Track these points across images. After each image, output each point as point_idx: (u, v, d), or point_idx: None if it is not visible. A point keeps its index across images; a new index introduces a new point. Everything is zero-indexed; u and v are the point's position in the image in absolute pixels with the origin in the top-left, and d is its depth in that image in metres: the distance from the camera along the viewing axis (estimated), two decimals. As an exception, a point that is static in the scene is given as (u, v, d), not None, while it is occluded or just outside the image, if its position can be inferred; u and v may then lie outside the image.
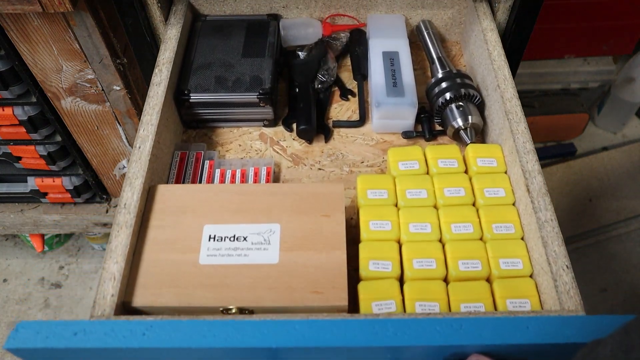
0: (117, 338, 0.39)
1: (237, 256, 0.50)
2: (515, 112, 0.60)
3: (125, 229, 0.51)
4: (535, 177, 0.54)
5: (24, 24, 0.67)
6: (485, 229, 0.53)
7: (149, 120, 0.60)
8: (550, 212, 0.52)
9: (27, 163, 0.92)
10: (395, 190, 0.56)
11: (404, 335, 0.39)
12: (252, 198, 0.54)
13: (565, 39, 1.27)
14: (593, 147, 1.46)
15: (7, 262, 1.28)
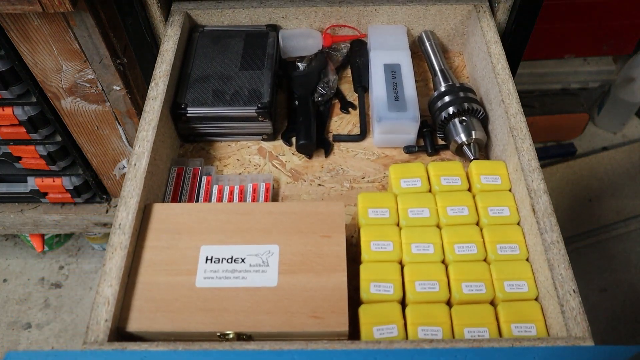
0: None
1: (235, 279, 0.49)
2: (520, 128, 0.59)
3: (120, 250, 0.50)
4: (541, 196, 0.53)
5: (24, 24, 0.67)
6: (490, 250, 0.52)
7: (144, 136, 0.58)
8: (557, 234, 0.50)
9: (27, 163, 0.92)
10: (397, 208, 0.55)
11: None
12: (250, 218, 0.53)
13: (565, 39, 1.27)
14: (593, 147, 1.46)
15: (7, 262, 1.28)
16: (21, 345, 1.15)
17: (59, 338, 1.15)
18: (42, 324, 1.18)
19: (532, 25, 0.70)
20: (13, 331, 1.17)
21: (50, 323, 1.18)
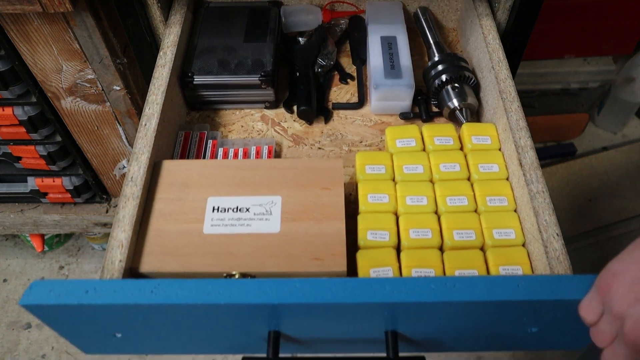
0: (126, 295, 0.40)
1: (240, 226, 0.52)
2: (509, 91, 0.61)
3: (132, 200, 0.53)
4: (528, 152, 0.56)
5: (24, 24, 0.67)
6: (480, 202, 0.55)
7: (154, 99, 0.61)
8: (542, 184, 0.53)
9: (27, 163, 0.92)
10: (392, 165, 0.58)
11: (399, 293, 0.40)
12: (254, 172, 0.56)
13: (565, 39, 1.27)
14: (593, 147, 1.46)
15: (7, 262, 1.28)
16: (21, 345, 1.15)
17: (59, 338, 1.15)
18: (42, 324, 1.18)
19: (532, 25, 0.70)
20: (13, 331, 1.17)
21: (50, 323, 1.18)
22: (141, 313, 0.42)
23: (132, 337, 0.48)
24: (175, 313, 0.43)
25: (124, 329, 0.46)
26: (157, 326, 0.46)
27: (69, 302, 0.40)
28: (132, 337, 0.48)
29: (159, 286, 0.41)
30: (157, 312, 0.42)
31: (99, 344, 0.50)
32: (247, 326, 0.46)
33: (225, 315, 0.43)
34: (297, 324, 0.45)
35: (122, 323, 0.45)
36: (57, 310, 0.41)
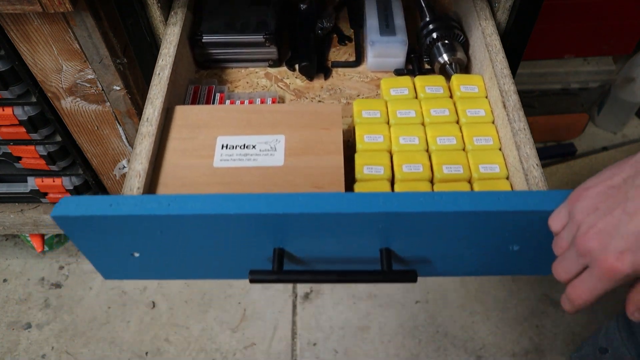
0: (145, 207, 0.45)
1: (247, 160, 0.57)
2: (495, 44, 0.66)
3: (148, 137, 0.57)
4: (511, 95, 0.61)
5: (24, 24, 0.67)
6: (467, 141, 0.60)
7: (167, 52, 0.67)
8: (524, 123, 0.59)
9: (27, 163, 0.92)
10: (387, 111, 0.64)
11: (392, 204, 0.44)
12: (260, 116, 0.61)
13: (565, 39, 1.27)
14: (593, 147, 1.46)
15: (7, 262, 1.28)
16: (21, 345, 1.15)
17: (59, 338, 1.15)
18: (42, 324, 1.18)
19: (532, 25, 0.70)
20: (13, 331, 1.17)
21: (50, 323, 1.18)
22: (158, 226, 0.46)
23: (149, 258, 0.51)
24: (189, 225, 0.46)
25: (142, 247, 0.50)
26: (172, 244, 0.49)
27: (94, 214, 0.45)
28: (149, 258, 0.52)
29: (176, 200, 0.45)
30: (172, 225, 0.46)
31: (118, 265, 0.53)
32: (254, 242, 0.49)
33: (234, 229, 0.47)
34: (299, 241, 0.49)
35: (140, 239, 0.48)
36: (83, 222, 0.45)
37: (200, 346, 1.14)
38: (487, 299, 1.20)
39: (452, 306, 1.19)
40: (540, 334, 1.15)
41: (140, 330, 1.16)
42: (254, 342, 1.14)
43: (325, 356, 1.12)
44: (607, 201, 0.38)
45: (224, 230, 0.47)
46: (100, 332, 1.16)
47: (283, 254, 0.49)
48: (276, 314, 1.18)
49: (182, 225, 0.46)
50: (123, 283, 1.24)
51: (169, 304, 1.20)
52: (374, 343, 1.14)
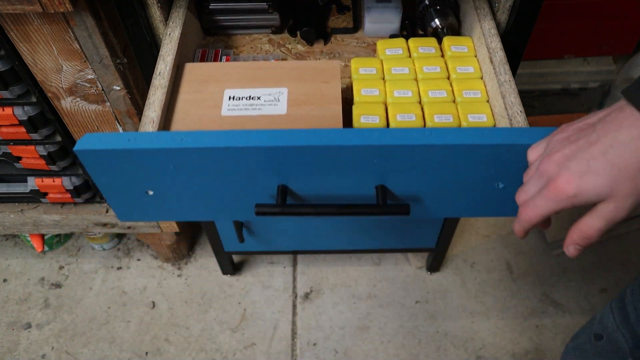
0: (161, 141, 0.49)
1: (252, 110, 0.61)
2: (483, 7, 0.71)
3: (160, 89, 0.62)
4: (498, 52, 0.66)
5: (24, 24, 0.67)
6: (457, 94, 0.64)
7: (176, 15, 0.71)
8: (509, 76, 0.63)
9: (27, 163, 0.92)
10: (382, 68, 0.68)
11: (386, 138, 0.49)
12: (264, 71, 0.66)
13: (565, 39, 1.27)
14: (593, 147, 1.46)
15: (7, 262, 1.28)
16: (21, 345, 1.15)
17: (59, 338, 1.15)
18: (42, 324, 1.18)
19: (532, 25, 0.70)
20: (13, 331, 1.17)
21: (50, 323, 1.18)
22: (172, 160, 0.50)
23: (162, 196, 0.56)
24: (201, 159, 0.50)
25: (156, 184, 0.54)
26: (184, 180, 0.53)
27: (114, 147, 0.49)
28: (162, 197, 0.56)
29: (189, 135, 0.49)
30: (185, 158, 0.50)
31: (134, 205, 0.57)
32: (259, 178, 0.53)
33: (242, 163, 0.51)
34: (301, 178, 0.53)
35: (154, 174, 0.53)
36: (103, 156, 0.50)
37: (200, 346, 1.14)
38: (487, 299, 1.20)
39: (452, 306, 1.19)
40: (540, 334, 1.15)
41: (140, 330, 1.16)
42: (254, 342, 1.14)
43: (325, 356, 1.12)
44: (578, 134, 0.41)
45: (232, 164, 0.51)
46: (100, 332, 1.16)
47: (286, 191, 0.54)
48: (276, 314, 1.18)
49: (194, 158, 0.50)
50: (123, 283, 1.24)
51: (169, 304, 1.20)
52: (374, 343, 1.14)
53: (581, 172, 0.39)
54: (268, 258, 1.27)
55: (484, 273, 1.24)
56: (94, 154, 0.49)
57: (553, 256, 1.27)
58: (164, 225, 1.06)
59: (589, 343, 0.72)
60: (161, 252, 1.22)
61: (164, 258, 1.26)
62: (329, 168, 0.52)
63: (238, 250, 1.16)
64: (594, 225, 0.41)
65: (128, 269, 1.27)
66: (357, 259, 1.27)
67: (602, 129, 0.39)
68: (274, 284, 1.23)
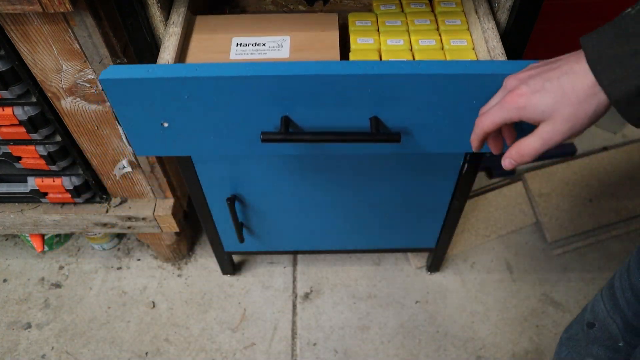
0: (177, 71, 0.54)
1: (258, 54, 0.67)
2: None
3: (174, 35, 0.67)
4: (482, 4, 0.71)
5: (24, 24, 0.67)
6: (445, 43, 0.70)
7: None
8: (492, 24, 0.68)
9: (27, 163, 0.92)
10: (377, 21, 0.73)
11: (379, 67, 0.54)
12: (269, 22, 0.72)
13: (565, 39, 1.27)
14: (593, 147, 1.46)
15: (7, 262, 1.28)
16: (21, 345, 1.15)
17: (59, 338, 1.15)
18: (42, 324, 1.18)
19: (532, 25, 0.70)
20: (13, 331, 1.17)
21: (50, 323, 1.18)
22: (186, 89, 0.55)
23: (177, 129, 0.61)
24: (212, 88, 0.55)
25: (171, 116, 0.59)
26: (196, 111, 0.58)
27: (134, 76, 0.54)
28: (176, 129, 0.61)
29: (201, 66, 0.55)
30: (198, 88, 0.55)
31: (150, 138, 0.62)
32: (264, 109, 0.58)
33: (249, 92, 0.56)
34: (302, 109, 0.58)
35: (170, 105, 0.57)
36: (125, 84, 0.55)
37: (200, 346, 1.14)
38: (487, 299, 1.20)
39: (452, 306, 1.19)
40: (540, 334, 1.15)
41: (140, 330, 1.16)
42: (254, 342, 1.14)
43: (325, 356, 1.12)
44: (547, 64, 0.46)
45: (240, 93, 0.56)
46: (100, 332, 1.16)
47: (289, 122, 0.59)
48: (276, 314, 1.18)
49: (206, 87, 0.55)
50: (123, 283, 1.24)
51: (169, 304, 1.20)
52: (374, 343, 1.14)
53: (535, 89, 0.45)
54: (268, 258, 1.27)
55: (484, 273, 1.24)
56: (116, 82, 0.55)
57: (553, 256, 1.27)
58: (164, 225, 1.06)
59: (582, 332, 0.72)
60: (161, 252, 1.22)
61: (164, 258, 1.26)
62: (328, 99, 0.57)
63: (238, 250, 1.16)
64: (530, 144, 0.46)
65: (128, 269, 1.27)
66: (357, 258, 1.27)
67: (564, 60, 0.45)
68: (274, 284, 1.23)
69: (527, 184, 1.34)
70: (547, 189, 1.34)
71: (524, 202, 1.34)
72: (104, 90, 0.56)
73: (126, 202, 1.04)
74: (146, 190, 1.01)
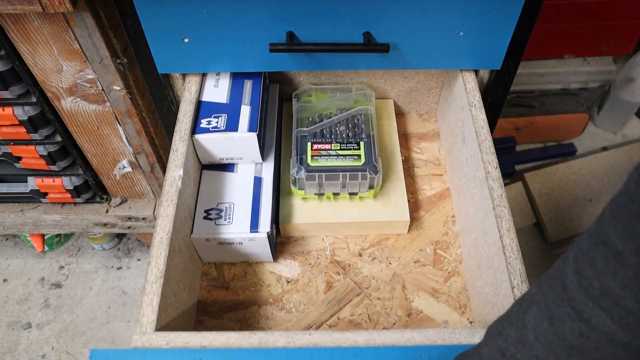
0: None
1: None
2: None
3: None
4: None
5: (24, 24, 0.67)
6: None
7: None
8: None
9: (27, 163, 0.92)
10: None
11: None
12: None
13: (565, 39, 1.27)
14: (593, 147, 1.46)
15: (7, 262, 1.28)
16: (21, 345, 1.15)
17: (59, 338, 1.15)
18: (42, 324, 1.18)
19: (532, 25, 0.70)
20: (13, 331, 1.17)
21: (50, 323, 1.18)
22: (205, 5, 0.60)
23: (195, 43, 0.65)
24: (227, 2, 0.59)
25: (191, 31, 0.64)
26: (213, 26, 0.63)
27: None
28: (194, 45, 0.65)
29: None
30: (215, 3, 0.59)
31: (172, 53, 0.67)
32: (272, 25, 0.63)
33: (259, 8, 0.61)
34: (304, 25, 0.63)
35: (190, 19, 0.62)
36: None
37: (200, 346, 1.14)
38: (487, 299, 1.20)
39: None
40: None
41: (140, 330, 1.16)
42: (254, 342, 1.14)
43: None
44: None
45: (250, 7, 0.61)
46: (100, 332, 1.16)
47: (293, 35, 0.64)
48: (276, 314, 1.18)
49: (222, 3, 0.60)
50: (123, 283, 1.24)
51: (169, 304, 1.20)
52: (374, 343, 1.14)
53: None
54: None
55: (484, 273, 1.24)
56: None
57: (553, 256, 1.27)
58: (164, 225, 1.06)
59: None
60: (161, 252, 1.22)
61: (164, 258, 1.26)
62: (326, 13, 0.62)
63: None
64: None
65: (128, 269, 1.27)
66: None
67: None
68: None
69: (527, 184, 1.34)
70: (547, 189, 1.34)
71: (524, 202, 1.34)
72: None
73: (126, 202, 1.04)
74: (146, 190, 1.01)
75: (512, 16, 0.64)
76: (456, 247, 0.71)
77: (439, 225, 0.73)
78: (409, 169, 0.79)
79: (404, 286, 0.67)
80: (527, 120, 1.37)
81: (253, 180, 0.70)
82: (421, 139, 0.83)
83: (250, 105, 0.70)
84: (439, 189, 0.77)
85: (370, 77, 0.81)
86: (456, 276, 0.68)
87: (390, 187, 0.73)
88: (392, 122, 0.81)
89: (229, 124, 0.68)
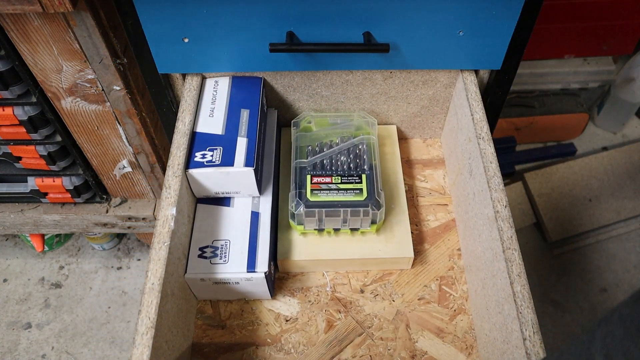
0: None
1: None
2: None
3: None
4: None
5: (24, 24, 0.67)
6: None
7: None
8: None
9: (27, 163, 0.92)
10: None
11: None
12: None
13: (565, 39, 1.27)
14: (593, 147, 1.46)
15: (7, 262, 1.28)
16: (21, 345, 1.15)
17: (59, 338, 1.15)
18: (42, 324, 1.18)
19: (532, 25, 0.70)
20: (13, 331, 1.17)
21: (50, 323, 1.18)
22: (205, 4, 0.60)
23: (195, 44, 0.65)
24: (227, 3, 0.60)
25: (191, 31, 0.64)
26: (213, 26, 0.63)
27: None
28: (194, 45, 0.66)
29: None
30: (215, 2, 0.60)
31: (171, 53, 0.67)
32: (272, 25, 0.63)
33: (259, 8, 0.61)
34: (304, 26, 0.63)
35: (190, 20, 0.62)
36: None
37: (200, 346, 1.14)
38: (487, 299, 1.20)
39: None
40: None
41: (140, 330, 1.16)
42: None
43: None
44: None
45: (249, 7, 0.61)
46: (100, 332, 1.16)
47: (293, 35, 0.64)
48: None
49: (222, 3, 0.60)
50: (123, 283, 1.24)
51: (169, 304, 1.20)
52: (374, 343, 1.14)
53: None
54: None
55: (484, 273, 1.25)
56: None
57: (553, 256, 1.27)
58: (164, 225, 1.06)
59: None
60: (161, 252, 1.22)
61: (164, 258, 1.26)
62: (326, 13, 0.62)
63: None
64: None
65: (128, 269, 1.27)
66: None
67: None
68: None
69: (527, 184, 1.34)
70: (547, 189, 1.34)
71: (524, 202, 1.34)
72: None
73: (126, 202, 1.04)
74: (146, 190, 1.01)
75: (512, 16, 0.63)
76: (462, 283, 0.67)
77: (444, 259, 0.69)
78: (413, 199, 0.75)
79: (407, 325, 0.64)
80: (527, 120, 1.37)
81: (250, 215, 0.66)
82: (425, 165, 0.79)
83: (247, 137, 0.65)
84: (444, 220, 0.73)
85: (372, 102, 0.77)
86: (462, 314, 0.65)
87: (393, 221, 0.69)
88: (395, 150, 0.77)
89: (225, 158, 0.63)
